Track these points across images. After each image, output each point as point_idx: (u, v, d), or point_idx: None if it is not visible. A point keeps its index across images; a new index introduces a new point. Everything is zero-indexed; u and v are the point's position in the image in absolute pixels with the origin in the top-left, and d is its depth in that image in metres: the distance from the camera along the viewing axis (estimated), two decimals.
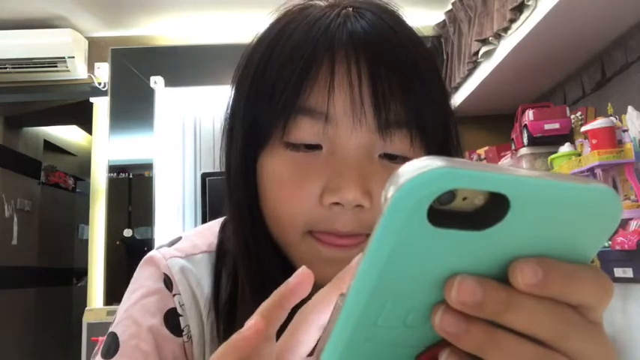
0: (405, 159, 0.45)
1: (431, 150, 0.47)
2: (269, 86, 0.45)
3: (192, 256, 0.53)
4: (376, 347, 0.24)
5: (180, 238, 0.56)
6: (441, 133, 0.49)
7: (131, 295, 0.52)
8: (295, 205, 0.44)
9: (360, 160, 0.44)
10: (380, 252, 0.21)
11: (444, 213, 0.20)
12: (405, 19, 0.49)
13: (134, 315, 0.49)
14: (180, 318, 0.50)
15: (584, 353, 0.23)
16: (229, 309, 0.49)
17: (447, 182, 0.19)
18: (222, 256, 0.53)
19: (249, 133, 0.47)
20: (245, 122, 0.47)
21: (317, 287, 0.44)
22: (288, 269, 0.47)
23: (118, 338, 0.49)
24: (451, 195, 0.20)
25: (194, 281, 0.51)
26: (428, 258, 0.21)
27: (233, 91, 0.51)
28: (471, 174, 0.19)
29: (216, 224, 0.57)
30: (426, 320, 0.23)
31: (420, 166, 0.19)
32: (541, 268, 0.21)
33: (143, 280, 0.52)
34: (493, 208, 0.20)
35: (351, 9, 0.46)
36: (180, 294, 0.50)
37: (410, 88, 0.44)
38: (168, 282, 0.51)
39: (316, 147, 0.45)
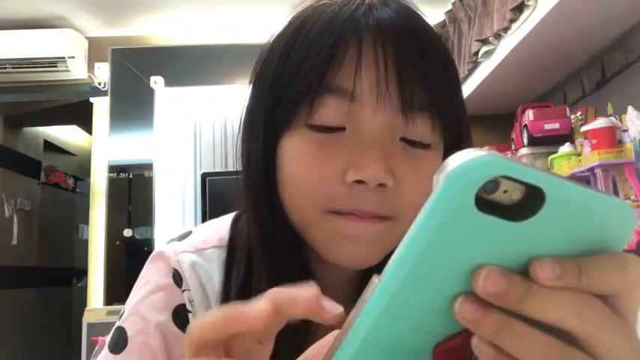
0: (424, 146, 0.46)
1: (447, 141, 0.48)
2: (295, 68, 0.45)
3: (202, 250, 0.52)
4: (402, 330, 0.25)
5: (190, 233, 0.55)
6: (457, 126, 0.49)
7: (139, 289, 0.51)
8: (317, 182, 0.44)
9: (383, 140, 0.44)
10: (427, 227, 0.22)
11: (487, 202, 0.22)
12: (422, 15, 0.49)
13: (142, 310, 0.49)
14: (190, 314, 0.49)
15: (611, 349, 0.23)
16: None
17: (496, 168, 0.22)
18: (233, 251, 0.52)
19: (272, 117, 0.47)
20: (268, 106, 0.47)
21: (335, 267, 0.47)
22: (306, 257, 0.49)
23: (125, 333, 0.48)
24: (495, 185, 0.22)
25: (204, 276, 0.51)
26: (465, 243, 0.23)
27: (252, 84, 0.51)
28: (517, 165, 0.22)
29: (227, 219, 0.56)
30: (451, 308, 0.24)
31: (473, 154, 0.22)
32: (558, 264, 0.22)
33: (152, 275, 0.51)
34: (529, 203, 0.23)
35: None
36: (190, 290, 0.50)
37: (434, 74, 0.45)
38: (177, 277, 0.50)
39: (339, 129, 0.45)
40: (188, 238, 0.54)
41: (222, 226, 0.55)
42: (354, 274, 0.50)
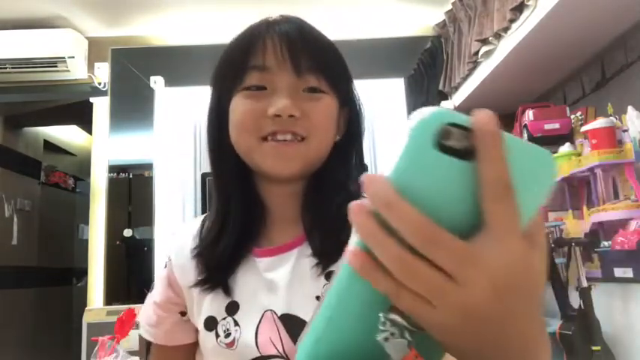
0: (321, 92, 0.70)
1: (341, 93, 0.73)
2: (232, 59, 0.73)
3: (188, 223, 0.80)
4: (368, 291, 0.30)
5: None
6: (345, 83, 0.75)
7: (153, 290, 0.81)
8: (250, 119, 0.69)
9: (290, 91, 0.69)
10: (399, 168, 0.28)
11: (446, 148, 0.28)
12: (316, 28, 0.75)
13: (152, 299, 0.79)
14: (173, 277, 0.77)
15: None
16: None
17: (445, 117, 0.29)
18: (206, 219, 0.77)
19: (221, 90, 0.74)
20: (219, 85, 0.75)
21: (276, 191, 0.74)
22: (257, 188, 0.75)
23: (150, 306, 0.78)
24: (448, 133, 0.28)
25: (185, 232, 0.78)
26: (427, 186, 0.28)
27: (213, 79, 0.77)
28: (459, 115, 0.29)
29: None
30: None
31: (430, 109, 0.29)
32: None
33: (157, 280, 0.80)
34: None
35: (279, 17, 0.75)
36: (171, 261, 0.77)
37: (315, 50, 0.71)
38: (169, 263, 0.78)
39: (263, 88, 0.70)
40: None
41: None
42: (292, 193, 0.74)
